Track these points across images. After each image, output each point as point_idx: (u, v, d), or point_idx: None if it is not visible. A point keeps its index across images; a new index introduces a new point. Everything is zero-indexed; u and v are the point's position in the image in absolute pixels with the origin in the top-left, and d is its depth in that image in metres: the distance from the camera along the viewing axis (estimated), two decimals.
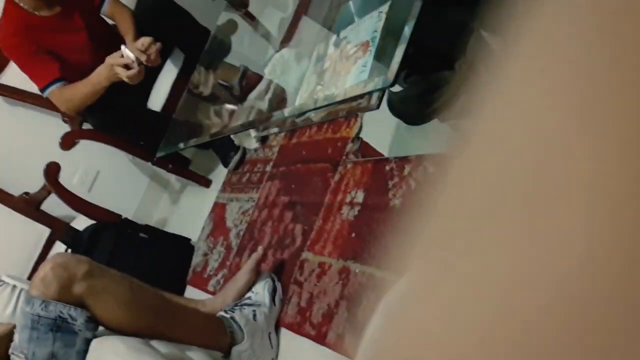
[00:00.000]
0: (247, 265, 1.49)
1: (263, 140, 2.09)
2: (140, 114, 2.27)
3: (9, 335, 1.38)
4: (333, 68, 1.21)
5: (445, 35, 1.19)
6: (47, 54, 2.10)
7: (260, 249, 1.53)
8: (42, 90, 2.10)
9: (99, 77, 1.99)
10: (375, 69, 1.00)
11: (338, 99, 0.90)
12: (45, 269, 1.19)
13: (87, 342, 1.17)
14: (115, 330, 1.21)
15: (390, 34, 1.06)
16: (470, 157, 0.16)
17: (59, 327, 1.14)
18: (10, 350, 1.18)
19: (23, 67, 2.15)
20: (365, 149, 1.50)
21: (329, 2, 1.55)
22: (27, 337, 1.14)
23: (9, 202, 2.41)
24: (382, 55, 1.03)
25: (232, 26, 2.21)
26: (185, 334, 1.30)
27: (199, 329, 1.32)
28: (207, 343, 1.32)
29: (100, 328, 1.22)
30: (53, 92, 2.07)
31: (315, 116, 1.50)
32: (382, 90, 0.80)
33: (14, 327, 1.40)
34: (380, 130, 1.48)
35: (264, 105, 1.54)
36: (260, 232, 1.77)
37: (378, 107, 1.08)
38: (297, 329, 1.36)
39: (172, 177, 2.87)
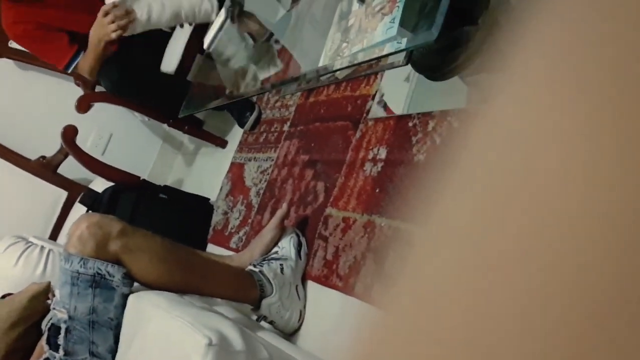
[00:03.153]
0: (272, 222, 1.53)
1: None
2: (154, 76, 2.28)
3: (45, 293, 1.43)
4: (358, 25, 1.22)
5: None
6: (52, 30, 2.11)
7: (284, 205, 1.56)
8: (64, 69, 2.13)
9: (91, 43, 1.98)
10: (405, 24, 1.01)
11: (375, 55, 0.92)
12: (81, 227, 1.22)
13: (125, 297, 1.22)
14: (149, 286, 1.26)
15: None
16: (494, 117, 0.16)
17: (98, 283, 1.19)
18: (52, 306, 1.23)
19: (37, 53, 2.18)
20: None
21: None
22: (68, 292, 1.18)
23: (26, 166, 2.45)
24: (410, 11, 1.04)
25: None
26: (217, 288, 1.34)
27: (230, 282, 1.36)
28: (238, 296, 1.37)
29: (135, 285, 1.26)
30: (75, 67, 2.10)
31: (340, 74, 1.52)
32: (426, 45, 0.82)
33: (49, 284, 1.45)
34: (398, 87, 1.50)
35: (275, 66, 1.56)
36: (281, 190, 1.80)
37: (407, 63, 1.10)
38: (324, 281, 1.41)
39: (186, 139, 2.89)
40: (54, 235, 2.39)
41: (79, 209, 2.35)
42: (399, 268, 0.18)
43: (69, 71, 2.13)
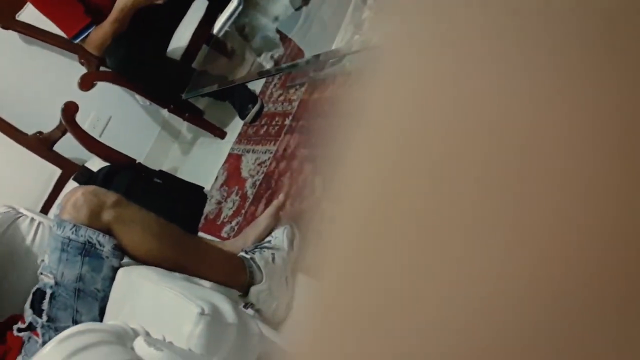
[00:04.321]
0: (268, 211, 1.53)
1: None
2: (159, 59, 2.27)
3: None
4: (373, 18, 1.22)
5: None
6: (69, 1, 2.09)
7: (281, 195, 1.56)
8: (73, 38, 2.10)
9: (122, 4, 1.97)
10: None
11: None
12: (76, 194, 1.21)
13: (114, 270, 1.20)
14: (139, 260, 1.25)
15: None
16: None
17: (88, 251, 1.18)
18: (39, 271, 1.21)
19: (49, 16, 2.15)
20: None
21: None
22: (57, 258, 1.17)
23: (22, 140, 2.42)
24: None
25: None
26: (207, 269, 1.33)
27: (221, 265, 1.35)
28: (226, 280, 1.36)
29: (125, 259, 1.25)
30: (84, 40, 2.07)
31: (349, 65, 1.52)
32: None
33: None
34: None
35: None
36: (278, 182, 1.79)
37: None
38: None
39: (184, 128, 2.88)
40: (44, 211, 2.36)
41: (72, 187, 2.34)
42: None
43: (77, 41, 2.11)
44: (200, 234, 2.06)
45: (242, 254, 1.42)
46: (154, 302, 0.95)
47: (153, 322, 0.91)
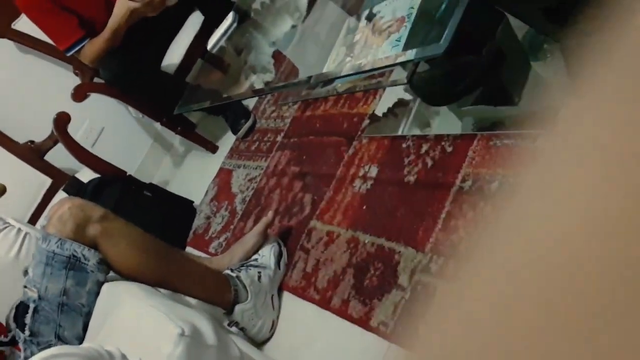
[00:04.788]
0: (257, 228, 1.52)
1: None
2: (154, 72, 2.28)
3: None
4: (364, 41, 1.23)
5: (476, 20, 1.22)
6: (64, 10, 2.10)
7: (270, 213, 1.56)
8: (66, 51, 2.10)
9: (116, 17, 1.97)
10: (411, 43, 1.03)
11: (385, 63, 0.93)
12: (62, 208, 1.21)
13: (99, 285, 1.20)
14: (124, 275, 1.24)
15: (427, 11, 1.08)
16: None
17: (73, 265, 1.17)
18: (24, 284, 1.20)
19: (43, 28, 2.15)
20: None
21: None
22: (42, 272, 1.16)
23: (13, 148, 2.42)
24: (417, 31, 1.06)
25: None
26: (192, 286, 1.33)
27: (205, 282, 1.35)
28: (211, 297, 1.35)
29: (111, 274, 1.25)
30: (78, 52, 2.08)
31: (340, 87, 1.53)
32: (434, 57, 0.82)
33: None
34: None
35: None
36: (267, 199, 1.79)
37: (408, 82, 1.11)
38: (301, 293, 1.40)
39: (176, 141, 2.88)
40: (32, 221, 2.35)
41: (61, 197, 2.33)
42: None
43: (69, 54, 2.11)
44: (188, 248, 2.06)
45: (228, 271, 1.42)
46: (136, 320, 0.95)
47: (132, 343, 0.91)
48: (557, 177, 0.14)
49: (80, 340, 1.15)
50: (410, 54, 0.88)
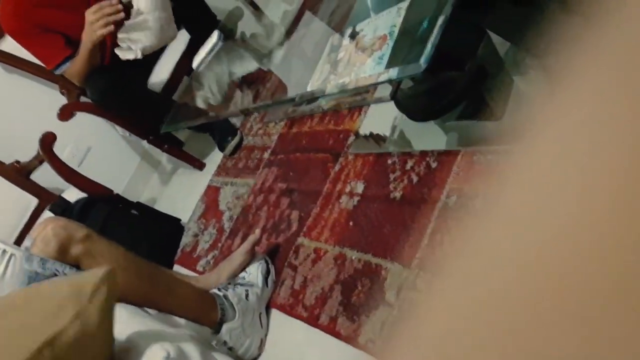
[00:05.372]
0: (244, 247, 1.52)
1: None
2: (140, 91, 2.27)
3: None
4: (348, 59, 1.24)
5: (459, 37, 1.24)
6: (48, 32, 2.10)
7: (257, 231, 1.55)
8: (53, 69, 2.12)
9: (82, 44, 1.98)
10: (393, 61, 1.04)
11: (368, 82, 0.93)
12: (46, 228, 1.20)
13: None
14: None
15: (408, 29, 1.09)
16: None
17: None
18: None
19: (30, 50, 2.16)
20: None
21: None
22: None
23: None
24: (400, 49, 1.07)
25: (239, 14, 2.23)
26: (178, 305, 1.31)
27: (192, 301, 1.33)
28: (198, 316, 1.34)
29: None
30: (65, 71, 2.09)
31: (326, 104, 1.54)
32: (414, 76, 0.84)
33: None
34: (380, 125, 1.52)
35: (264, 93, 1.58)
36: (255, 216, 1.79)
37: (392, 98, 1.12)
38: (289, 310, 1.39)
39: (164, 158, 2.88)
40: (18, 241, 2.33)
41: (47, 217, 2.31)
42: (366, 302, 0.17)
43: (57, 72, 2.12)
44: (176, 266, 2.05)
45: (215, 290, 1.41)
46: (121, 341, 0.94)
47: None
48: (534, 187, 0.14)
49: None
50: (392, 73, 0.89)
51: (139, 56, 1.92)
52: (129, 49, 1.98)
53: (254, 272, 1.48)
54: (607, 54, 0.14)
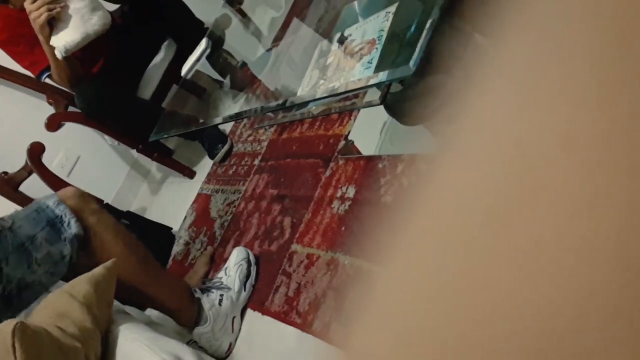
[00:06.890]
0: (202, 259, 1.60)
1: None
2: (129, 100, 2.27)
3: None
4: (337, 63, 1.24)
5: (446, 39, 1.24)
6: (34, 40, 2.09)
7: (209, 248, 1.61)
8: (38, 76, 2.13)
9: (39, 38, 1.95)
10: (382, 65, 1.04)
11: (358, 86, 0.93)
12: (69, 188, 1.31)
13: (62, 257, 1.21)
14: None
15: (397, 33, 1.10)
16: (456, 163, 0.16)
17: (54, 224, 1.22)
18: (4, 216, 1.25)
19: (15, 58, 2.16)
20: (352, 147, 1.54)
21: (324, 5, 1.60)
22: (27, 214, 1.23)
23: None
24: (388, 53, 1.07)
25: (226, 21, 2.23)
26: (166, 293, 1.36)
27: (178, 292, 1.39)
28: (178, 308, 1.39)
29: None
30: (48, 76, 2.10)
31: (315, 109, 1.53)
32: (403, 78, 0.84)
33: None
34: (370, 130, 1.52)
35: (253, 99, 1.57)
36: (246, 223, 1.79)
37: (381, 103, 1.12)
38: (283, 317, 1.39)
39: (154, 167, 2.87)
40: None
41: None
42: (359, 307, 0.17)
43: (43, 78, 2.12)
44: None
45: (195, 290, 1.46)
46: (120, 351, 0.93)
47: None
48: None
49: (19, 285, 1.16)
50: (382, 76, 0.89)
51: (64, 54, 1.86)
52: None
53: (232, 275, 1.50)
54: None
